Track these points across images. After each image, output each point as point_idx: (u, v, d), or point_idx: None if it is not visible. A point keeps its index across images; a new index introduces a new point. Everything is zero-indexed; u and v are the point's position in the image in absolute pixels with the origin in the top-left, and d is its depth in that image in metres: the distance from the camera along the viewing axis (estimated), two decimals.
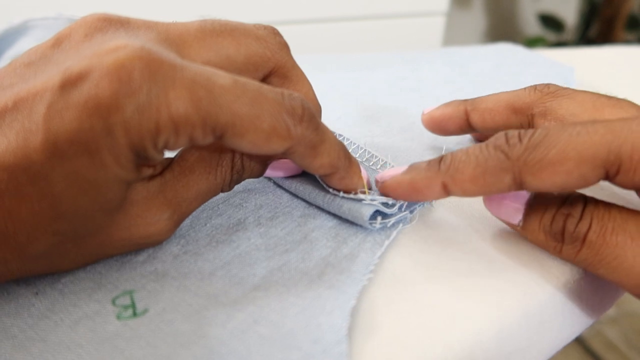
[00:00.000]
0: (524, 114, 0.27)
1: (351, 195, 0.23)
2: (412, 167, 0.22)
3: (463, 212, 0.25)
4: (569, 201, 0.20)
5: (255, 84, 0.19)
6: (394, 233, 0.23)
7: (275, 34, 0.23)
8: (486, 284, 0.21)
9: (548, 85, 0.27)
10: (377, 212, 0.23)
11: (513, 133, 0.20)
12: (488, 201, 0.23)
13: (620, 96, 0.25)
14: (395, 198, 0.23)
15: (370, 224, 0.23)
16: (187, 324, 0.19)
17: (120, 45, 0.17)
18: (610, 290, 0.24)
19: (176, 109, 0.17)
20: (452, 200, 0.26)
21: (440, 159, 0.21)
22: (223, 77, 0.18)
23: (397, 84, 0.42)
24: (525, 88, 0.27)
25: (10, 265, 0.18)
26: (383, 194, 0.23)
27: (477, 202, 0.26)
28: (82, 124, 0.16)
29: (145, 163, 0.19)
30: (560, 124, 0.20)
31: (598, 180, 0.19)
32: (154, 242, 0.21)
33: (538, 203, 0.21)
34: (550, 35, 1.66)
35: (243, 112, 0.18)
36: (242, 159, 0.22)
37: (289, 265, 0.21)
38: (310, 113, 0.20)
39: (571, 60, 0.51)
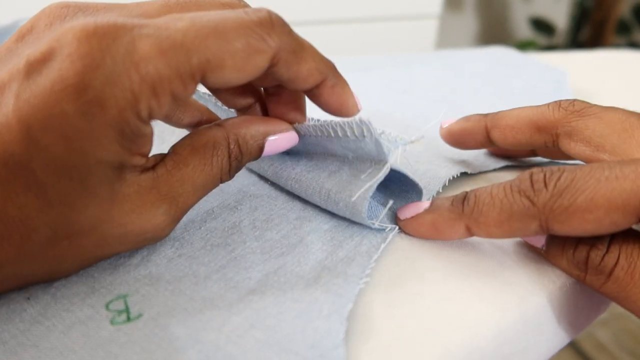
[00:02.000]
0: (548, 133, 0.26)
1: (356, 123, 0.22)
2: (435, 206, 0.22)
3: None
4: None
5: (213, 12, 0.18)
6: (390, 236, 0.23)
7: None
8: (483, 287, 0.21)
9: (573, 102, 0.26)
10: (377, 207, 0.23)
11: (538, 177, 0.19)
12: None
13: (610, 100, 0.25)
14: (416, 235, 0.23)
15: (369, 221, 0.22)
16: (182, 328, 0.18)
17: (74, 24, 0.17)
18: None
19: (146, 69, 0.17)
20: None
21: (464, 198, 0.21)
22: (179, 19, 0.18)
23: (392, 86, 0.42)
24: (548, 104, 0.26)
25: (6, 270, 0.18)
26: (405, 229, 0.23)
27: None
28: (53, 110, 0.16)
29: (135, 145, 0.18)
30: (588, 166, 0.19)
31: (630, 226, 0.18)
32: (153, 239, 0.21)
33: None
34: (541, 39, 1.67)
35: (211, 43, 0.18)
36: (238, 144, 0.22)
37: (285, 268, 0.21)
38: (279, 19, 0.20)
39: (562, 63, 0.52)
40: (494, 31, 1.72)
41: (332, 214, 0.24)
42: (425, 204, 0.22)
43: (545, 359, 0.22)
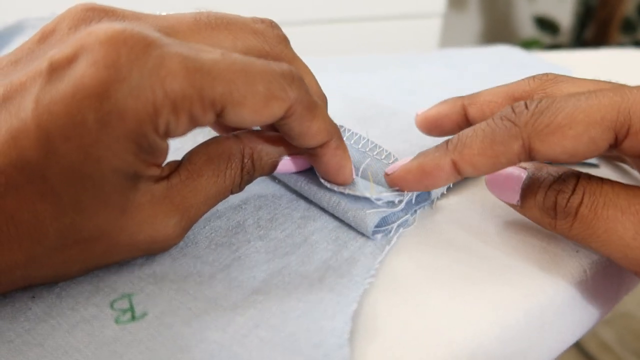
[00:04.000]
0: None
1: (356, 193, 0.23)
2: (420, 153, 0.22)
3: (463, 215, 0.25)
4: (562, 178, 0.21)
5: (242, 55, 0.19)
6: (395, 237, 0.23)
7: (273, 26, 0.23)
8: (487, 287, 0.21)
9: (546, 73, 0.26)
10: (381, 220, 0.23)
11: (519, 104, 0.20)
12: (490, 184, 0.23)
13: None
14: (406, 187, 0.22)
15: (373, 233, 0.23)
16: (186, 328, 0.18)
17: (100, 28, 0.17)
18: (609, 293, 0.24)
19: (171, 86, 0.17)
20: (452, 203, 0.26)
21: (448, 140, 0.21)
22: (210, 51, 0.18)
23: (395, 85, 0.42)
24: (523, 79, 0.27)
25: (14, 274, 0.18)
26: (394, 185, 0.23)
27: (477, 204, 0.26)
28: (73, 118, 0.16)
29: (150, 157, 0.18)
30: (567, 94, 0.20)
31: (607, 145, 0.19)
32: (161, 249, 0.21)
33: (533, 183, 0.21)
34: (546, 38, 1.67)
35: (237, 79, 0.18)
36: (252, 158, 0.22)
37: (289, 268, 0.21)
38: (299, 76, 0.20)
39: (566, 62, 0.51)
40: (498, 30, 1.71)
41: None
42: (411, 157, 0.23)
43: (550, 359, 0.22)
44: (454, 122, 0.28)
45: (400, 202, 0.23)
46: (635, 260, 0.19)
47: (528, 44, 1.52)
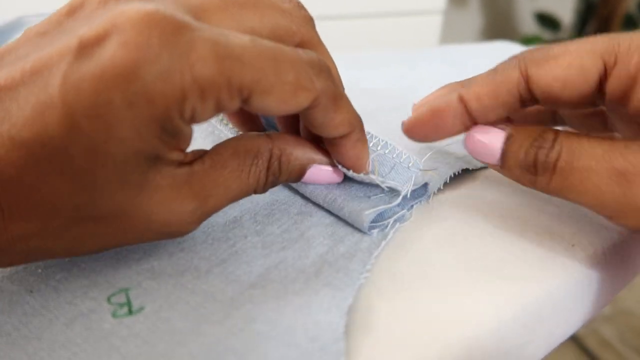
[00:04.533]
0: None
1: (362, 176, 0.23)
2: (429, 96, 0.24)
3: (459, 210, 0.25)
4: (541, 135, 0.22)
5: (271, 42, 0.19)
6: (391, 232, 0.23)
7: (300, 7, 0.23)
8: (484, 281, 0.21)
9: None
10: (377, 216, 0.23)
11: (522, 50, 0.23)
12: (468, 143, 0.23)
13: None
14: (420, 131, 0.24)
15: (369, 229, 0.23)
16: (183, 321, 0.18)
17: (132, 8, 0.17)
18: (606, 287, 0.24)
19: (200, 71, 0.16)
20: (449, 198, 0.26)
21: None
22: (240, 37, 0.18)
23: (396, 82, 0.42)
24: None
25: (32, 243, 0.18)
26: (409, 133, 0.24)
27: (473, 200, 0.26)
28: (100, 97, 0.16)
29: (174, 141, 0.18)
30: None
31: (597, 76, 0.21)
32: (175, 234, 0.20)
33: (514, 141, 0.22)
34: (547, 34, 1.66)
35: (266, 67, 0.18)
36: (280, 160, 0.21)
37: (286, 263, 0.21)
38: (326, 66, 0.20)
39: None
40: (498, 26, 1.71)
41: None
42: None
43: (545, 353, 0.22)
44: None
45: (398, 196, 0.23)
46: (609, 205, 0.20)
47: (529, 41, 1.52)
